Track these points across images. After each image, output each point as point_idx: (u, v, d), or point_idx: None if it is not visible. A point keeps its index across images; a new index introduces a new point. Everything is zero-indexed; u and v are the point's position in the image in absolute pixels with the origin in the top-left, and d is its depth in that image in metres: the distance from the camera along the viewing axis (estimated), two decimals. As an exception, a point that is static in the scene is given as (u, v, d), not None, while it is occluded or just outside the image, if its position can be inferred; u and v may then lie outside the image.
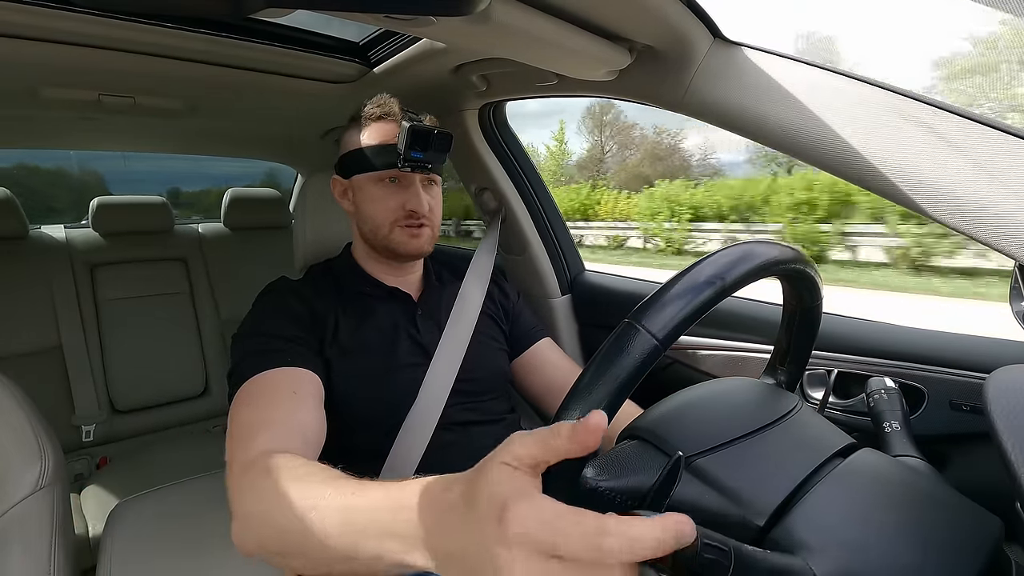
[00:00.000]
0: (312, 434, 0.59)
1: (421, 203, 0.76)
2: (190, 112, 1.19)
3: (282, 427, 0.56)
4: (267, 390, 0.60)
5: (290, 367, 0.63)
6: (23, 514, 0.59)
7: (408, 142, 0.70)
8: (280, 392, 0.60)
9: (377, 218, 0.77)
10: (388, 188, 0.77)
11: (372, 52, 0.96)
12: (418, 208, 0.76)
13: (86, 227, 1.72)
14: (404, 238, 0.77)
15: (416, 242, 0.78)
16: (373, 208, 0.77)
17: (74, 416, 1.49)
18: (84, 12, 0.69)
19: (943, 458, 0.69)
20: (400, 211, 0.76)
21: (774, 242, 0.43)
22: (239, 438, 0.55)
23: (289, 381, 0.62)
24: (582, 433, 0.25)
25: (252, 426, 0.56)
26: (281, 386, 0.61)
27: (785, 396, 0.51)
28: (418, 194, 0.76)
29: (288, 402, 0.59)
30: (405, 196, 0.76)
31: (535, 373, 0.91)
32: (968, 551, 0.37)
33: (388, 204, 0.76)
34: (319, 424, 0.61)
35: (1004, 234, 0.43)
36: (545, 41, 0.58)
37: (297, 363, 0.64)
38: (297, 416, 0.59)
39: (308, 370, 0.65)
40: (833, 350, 0.78)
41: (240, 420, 0.57)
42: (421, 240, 0.78)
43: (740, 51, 0.61)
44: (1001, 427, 0.35)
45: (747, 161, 20.95)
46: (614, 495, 0.39)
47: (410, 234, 0.77)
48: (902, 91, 0.51)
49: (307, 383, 0.64)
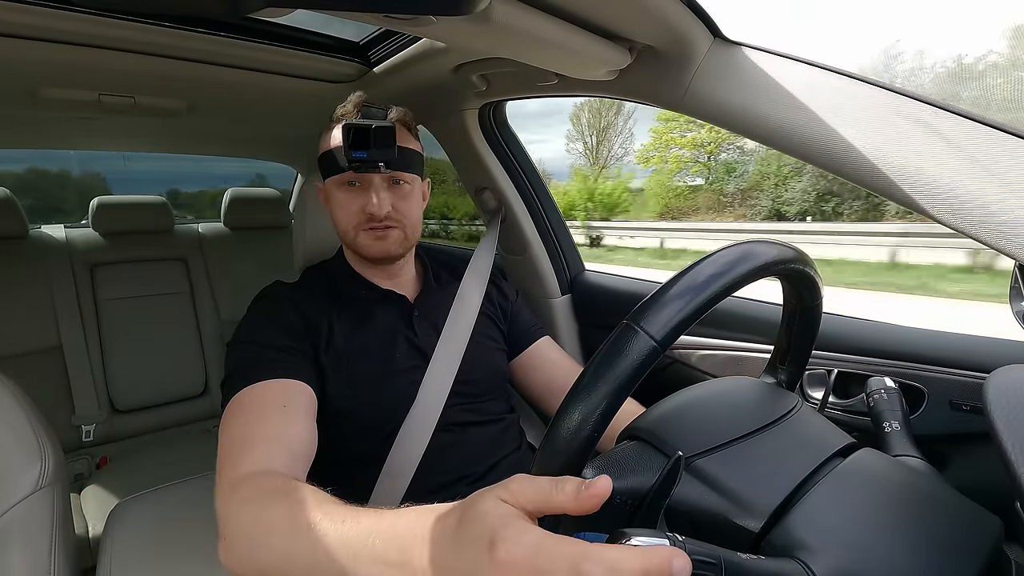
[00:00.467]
0: (301, 448, 0.59)
1: (378, 205, 0.73)
2: (190, 112, 1.19)
3: (270, 444, 0.56)
4: (257, 403, 0.60)
5: (281, 379, 0.63)
6: (23, 514, 0.59)
7: (348, 142, 0.68)
8: (270, 406, 0.60)
9: (342, 223, 0.76)
10: (349, 192, 0.75)
11: (372, 52, 0.96)
12: (375, 211, 0.73)
13: (86, 227, 1.72)
14: (368, 241, 0.75)
15: (381, 245, 0.76)
16: (339, 213, 0.76)
17: (74, 416, 1.49)
18: (84, 12, 0.69)
19: (943, 458, 0.69)
20: (361, 215, 0.74)
21: (774, 242, 0.42)
22: (227, 455, 0.55)
23: (279, 394, 0.62)
24: (586, 498, 0.28)
25: (241, 442, 0.56)
26: (271, 399, 0.61)
27: (785, 396, 0.51)
28: (375, 196, 0.73)
29: (277, 416, 0.59)
30: (365, 199, 0.74)
31: (535, 372, 0.91)
32: (968, 551, 0.37)
33: (350, 208, 0.75)
34: (309, 437, 0.61)
35: (1004, 234, 0.43)
36: (545, 41, 0.58)
37: (289, 374, 0.64)
38: (286, 431, 0.58)
39: (300, 381, 0.64)
40: (833, 350, 0.78)
41: (230, 435, 0.58)
42: (387, 243, 0.76)
43: (740, 51, 0.61)
44: (1001, 427, 0.35)
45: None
46: (614, 495, 0.39)
47: (374, 236, 0.75)
48: (902, 91, 0.51)
49: (298, 395, 0.63)
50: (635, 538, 0.32)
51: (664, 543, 0.31)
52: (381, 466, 0.69)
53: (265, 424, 0.58)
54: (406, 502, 0.68)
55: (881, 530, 0.37)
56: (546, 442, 0.35)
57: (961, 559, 0.37)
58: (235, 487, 0.51)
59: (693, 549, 0.32)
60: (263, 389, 0.61)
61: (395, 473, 0.69)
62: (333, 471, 0.73)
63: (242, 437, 0.56)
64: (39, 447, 0.62)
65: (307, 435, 0.61)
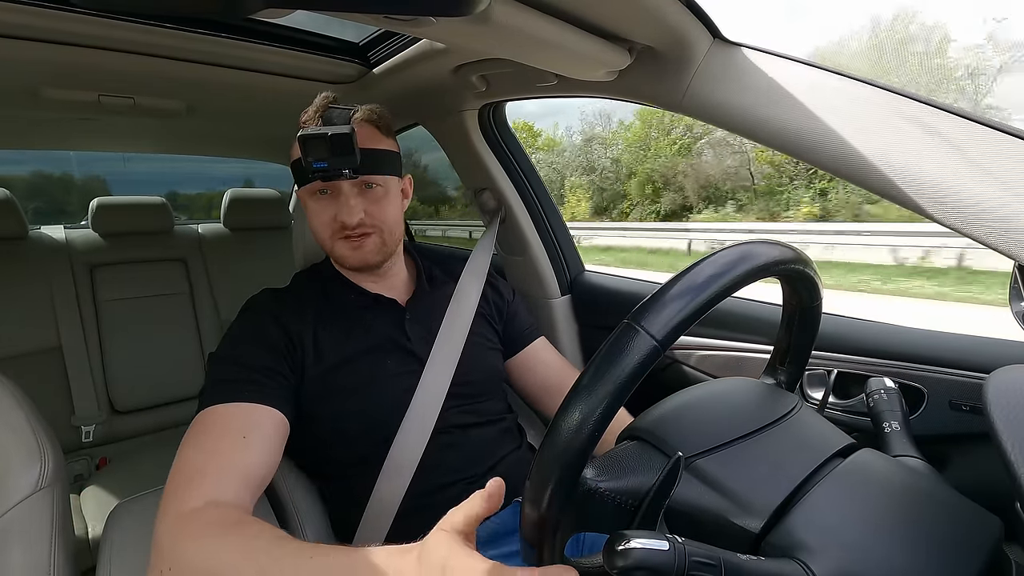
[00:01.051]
0: (254, 477, 0.58)
1: (348, 214, 0.70)
2: (190, 113, 1.19)
3: (220, 475, 0.56)
4: (217, 428, 0.60)
5: (250, 403, 0.62)
6: (23, 514, 0.58)
7: (304, 153, 0.65)
8: (229, 433, 0.59)
9: (318, 233, 0.75)
10: (321, 201, 0.72)
11: (372, 52, 0.96)
12: (346, 220, 0.70)
13: (86, 228, 1.72)
14: (345, 251, 0.74)
15: (358, 254, 0.74)
16: (313, 223, 0.74)
17: (74, 416, 1.49)
18: (84, 12, 0.69)
19: (943, 458, 0.69)
20: (334, 223, 0.72)
21: (774, 242, 0.43)
22: (177, 483, 0.55)
23: (243, 421, 0.61)
24: (488, 499, 0.40)
25: (191, 472, 0.56)
26: (233, 426, 0.60)
27: (785, 396, 0.51)
28: (345, 204, 0.70)
29: (235, 445, 0.58)
30: (336, 207, 0.71)
31: (529, 373, 0.91)
32: (968, 551, 0.37)
33: (323, 218, 0.73)
34: (265, 467, 0.60)
35: (1004, 234, 0.43)
36: (545, 42, 0.58)
37: (256, 399, 0.62)
38: (241, 460, 0.58)
39: (269, 407, 0.63)
40: (833, 350, 0.78)
41: (184, 458, 0.57)
42: (364, 251, 0.74)
43: (740, 51, 0.61)
44: (1001, 427, 0.35)
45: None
46: (614, 495, 0.39)
47: (350, 246, 0.73)
48: (902, 91, 0.51)
49: (262, 423, 0.62)
50: (634, 539, 0.32)
51: (663, 545, 0.32)
52: (380, 468, 0.69)
53: (219, 454, 0.57)
54: (406, 503, 0.68)
55: (881, 530, 0.37)
56: (546, 441, 0.35)
57: (961, 559, 0.37)
58: (183, 521, 0.51)
59: (693, 550, 0.32)
60: (228, 413, 0.61)
61: (393, 475, 0.69)
62: (334, 472, 0.73)
63: (194, 466, 0.56)
64: (39, 448, 0.62)
65: (263, 465, 0.60)
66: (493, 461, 0.76)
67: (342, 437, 0.71)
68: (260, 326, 0.70)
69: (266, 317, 0.71)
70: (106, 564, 0.59)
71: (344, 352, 0.72)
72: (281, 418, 0.64)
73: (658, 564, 0.31)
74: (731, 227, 11.03)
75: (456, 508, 0.41)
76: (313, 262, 0.91)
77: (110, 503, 1.13)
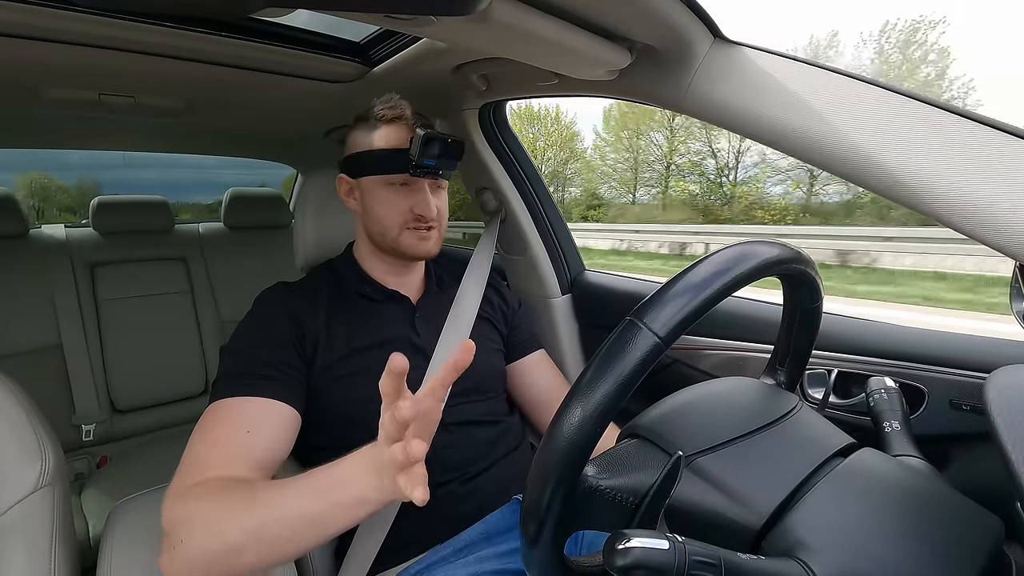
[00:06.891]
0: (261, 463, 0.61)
1: (430, 208, 0.77)
2: (190, 112, 1.19)
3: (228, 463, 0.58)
4: (226, 420, 0.62)
5: (259, 397, 0.63)
6: (23, 513, 0.59)
7: (422, 149, 0.71)
8: (237, 427, 0.61)
9: (386, 220, 0.78)
10: (398, 191, 0.77)
11: (372, 52, 0.96)
12: (426, 213, 0.76)
13: (86, 226, 1.72)
14: (413, 241, 0.78)
15: (425, 245, 0.79)
16: (382, 211, 0.77)
17: (74, 415, 1.49)
18: (84, 12, 0.69)
19: (943, 458, 0.68)
20: (409, 214, 0.77)
21: (775, 242, 0.43)
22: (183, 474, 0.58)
23: (251, 415, 0.62)
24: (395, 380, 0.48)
25: (198, 461, 0.58)
26: (241, 420, 0.62)
27: (785, 396, 0.51)
28: (427, 199, 0.76)
29: (241, 439, 0.60)
30: (414, 200, 0.77)
31: (524, 384, 0.92)
32: (968, 551, 0.37)
33: (398, 207, 0.77)
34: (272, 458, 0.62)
35: (1004, 234, 0.43)
36: (545, 41, 0.58)
37: (266, 393, 0.64)
38: (248, 452, 0.60)
39: (278, 401, 0.65)
40: (833, 350, 0.78)
41: (192, 450, 0.60)
42: (429, 243, 0.79)
43: (740, 51, 0.61)
44: (1001, 427, 0.35)
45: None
46: (614, 493, 0.39)
47: (419, 236, 0.78)
48: (902, 91, 0.51)
49: (270, 417, 0.64)
50: (634, 538, 0.32)
51: (664, 544, 0.32)
52: None
53: (225, 446, 0.59)
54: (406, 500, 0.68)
55: (881, 530, 0.37)
56: (548, 437, 0.35)
57: (961, 559, 0.37)
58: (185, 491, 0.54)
59: (693, 549, 0.32)
60: (238, 406, 0.63)
61: None
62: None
63: (200, 459, 0.58)
64: (39, 446, 0.62)
65: (270, 457, 0.62)
66: (493, 459, 0.76)
67: (351, 426, 0.71)
68: (273, 320, 0.72)
69: (279, 310, 0.73)
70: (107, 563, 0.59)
71: (356, 342, 0.74)
72: (291, 411, 0.66)
73: (658, 563, 0.31)
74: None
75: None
76: (314, 262, 0.91)
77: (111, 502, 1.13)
